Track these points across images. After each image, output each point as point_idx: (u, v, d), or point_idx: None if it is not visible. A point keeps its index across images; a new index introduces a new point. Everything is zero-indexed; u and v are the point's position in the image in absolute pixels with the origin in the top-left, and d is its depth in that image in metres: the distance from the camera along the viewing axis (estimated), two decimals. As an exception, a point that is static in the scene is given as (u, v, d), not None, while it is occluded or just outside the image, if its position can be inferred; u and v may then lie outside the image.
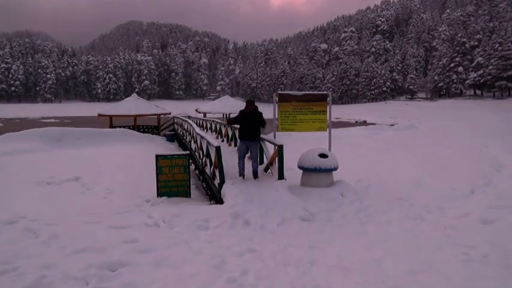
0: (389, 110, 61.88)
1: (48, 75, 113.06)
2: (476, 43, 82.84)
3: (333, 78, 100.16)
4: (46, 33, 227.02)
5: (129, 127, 26.29)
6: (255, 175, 8.31)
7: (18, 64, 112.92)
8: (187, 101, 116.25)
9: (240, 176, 8.29)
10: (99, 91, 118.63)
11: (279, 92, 9.79)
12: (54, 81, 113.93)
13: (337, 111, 58.35)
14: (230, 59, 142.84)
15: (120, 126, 26.02)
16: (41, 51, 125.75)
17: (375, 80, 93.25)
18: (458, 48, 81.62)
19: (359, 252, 5.17)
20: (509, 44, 68.82)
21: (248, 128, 8.14)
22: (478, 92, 78.43)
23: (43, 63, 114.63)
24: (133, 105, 27.31)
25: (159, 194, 8.34)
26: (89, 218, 6.53)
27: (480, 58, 73.89)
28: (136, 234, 5.69)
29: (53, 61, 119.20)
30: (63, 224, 6.12)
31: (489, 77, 70.73)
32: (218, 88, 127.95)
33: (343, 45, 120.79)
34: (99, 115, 28.22)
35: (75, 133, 19.54)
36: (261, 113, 8.26)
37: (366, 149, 17.31)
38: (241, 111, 8.27)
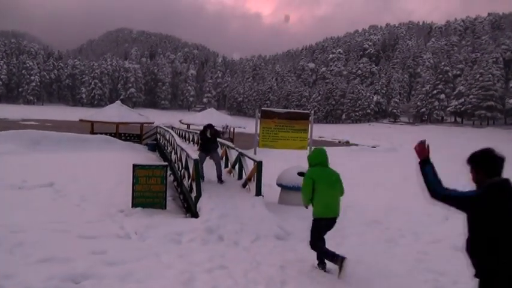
0: (372, 132, 62.87)
1: (32, 77, 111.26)
2: (458, 72, 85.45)
3: (319, 98, 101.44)
4: (33, 35, 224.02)
5: (110, 134, 25.95)
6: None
7: (1, 64, 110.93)
8: (173, 111, 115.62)
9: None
10: (84, 96, 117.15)
11: (262, 108, 9.84)
12: (38, 83, 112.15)
13: (322, 131, 58.93)
14: (218, 72, 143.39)
15: (101, 133, 25.66)
16: (27, 52, 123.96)
17: (359, 101, 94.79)
18: (441, 76, 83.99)
19: (331, 274, 5.13)
20: (490, 75, 71.20)
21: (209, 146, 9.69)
22: (459, 119, 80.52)
23: (28, 65, 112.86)
24: (116, 113, 27.04)
25: (134, 205, 8.16)
26: (58, 226, 6.33)
27: (462, 87, 76.15)
28: (106, 245, 5.54)
29: (38, 63, 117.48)
30: (30, 231, 5.91)
31: (469, 106, 72.82)
32: (205, 100, 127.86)
33: (331, 65, 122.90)
34: (81, 120, 27.82)
35: (54, 137, 19.18)
36: (218, 132, 10.03)
37: (346, 169, 17.39)
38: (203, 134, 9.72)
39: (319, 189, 5.03)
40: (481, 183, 2.76)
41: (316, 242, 5.18)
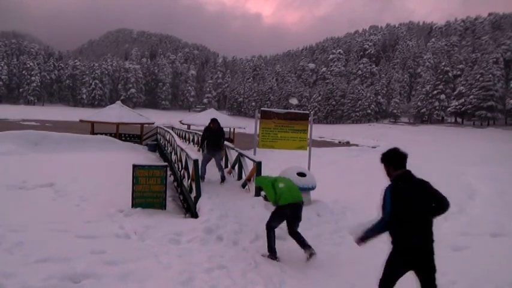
0: (373, 133, 62.82)
1: (33, 78, 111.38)
2: (458, 72, 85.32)
3: (319, 98, 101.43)
4: (34, 36, 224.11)
5: (111, 134, 25.96)
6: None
7: (2, 64, 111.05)
8: (173, 111, 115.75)
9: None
10: (84, 96, 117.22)
11: (262, 108, 9.86)
12: (39, 83, 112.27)
13: (322, 131, 58.97)
14: (219, 72, 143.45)
15: (102, 133, 25.68)
16: (27, 52, 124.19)
17: (360, 102, 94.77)
18: (441, 76, 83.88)
19: (329, 273, 5.15)
20: (490, 75, 71.08)
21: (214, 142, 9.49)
22: (459, 119, 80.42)
23: (28, 65, 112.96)
24: (116, 113, 27.04)
25: (134, 205, 8.19)
26: (58, 226, 6.34)
27: (462, 87, 76.01)
28: (105, 245, 5.55)
29: (39, 63, 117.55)
30: (30, 231, 5.93)
31: (470, 106, 72.71)
32: (205, 100, 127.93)
33: (331, 66, 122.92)
34: (81, 121, 27.83)
35: (54, 138, 19.17)
36: (223, 131, 9.71)
37: (346, 169, 17.43)
38: (206, 129, 9.69)
39: (280, 184, 5.76)
40: (391, 175, 3.62)
41: (272, 226, 5.76)
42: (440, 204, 3.50)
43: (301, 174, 8.59)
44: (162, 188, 8.46)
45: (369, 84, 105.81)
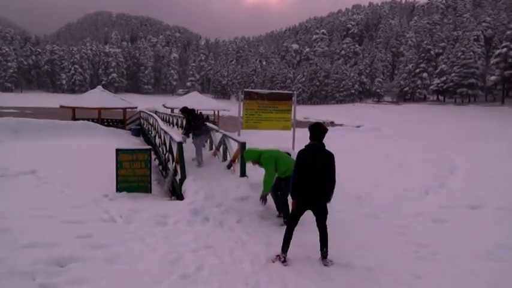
0: (357, 112, 63.29)
1: (9, 64, 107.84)
2: (440, 50, 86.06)
3: (303, 79, 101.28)
4: (8, 20, 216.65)
5: (93, 120, 25.53)
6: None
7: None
8: (156, 95, 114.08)
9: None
10: (64, 82, 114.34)
11: (245, 89, 9.82)
12: (16, 69, 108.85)
13: (306, 112, 59.13)
14: (201, 55, 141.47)
15: (83, 119, 25.24)
16: (2, 37, 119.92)
17: (343, 82, 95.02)
18: (423, 54, 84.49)
19: (313, 250, 5.25)
20: (471, 53, 71.85)
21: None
22: (441, 97, 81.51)
23: (4, 51, 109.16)
24: (97, 98, 26.55)
25: (118, 189, 8.14)
26: (42, 212, 6.29)
27: (444, 65, 76.75)
28: (91, 229, 5.55)
29: (15, 49, 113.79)
30: (14, 218, 5.87)
31: (451, 84, 73.59)
32: (188, 84, 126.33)
33: (314, 46, 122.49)
34: (62, 107, 27.28)
35: (34, 125, 18.78)
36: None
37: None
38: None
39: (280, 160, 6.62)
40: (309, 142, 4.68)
41: None
42: (329, 178, 4.71)
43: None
44: (147, 172, 8.42)
45: (352, 64, 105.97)
